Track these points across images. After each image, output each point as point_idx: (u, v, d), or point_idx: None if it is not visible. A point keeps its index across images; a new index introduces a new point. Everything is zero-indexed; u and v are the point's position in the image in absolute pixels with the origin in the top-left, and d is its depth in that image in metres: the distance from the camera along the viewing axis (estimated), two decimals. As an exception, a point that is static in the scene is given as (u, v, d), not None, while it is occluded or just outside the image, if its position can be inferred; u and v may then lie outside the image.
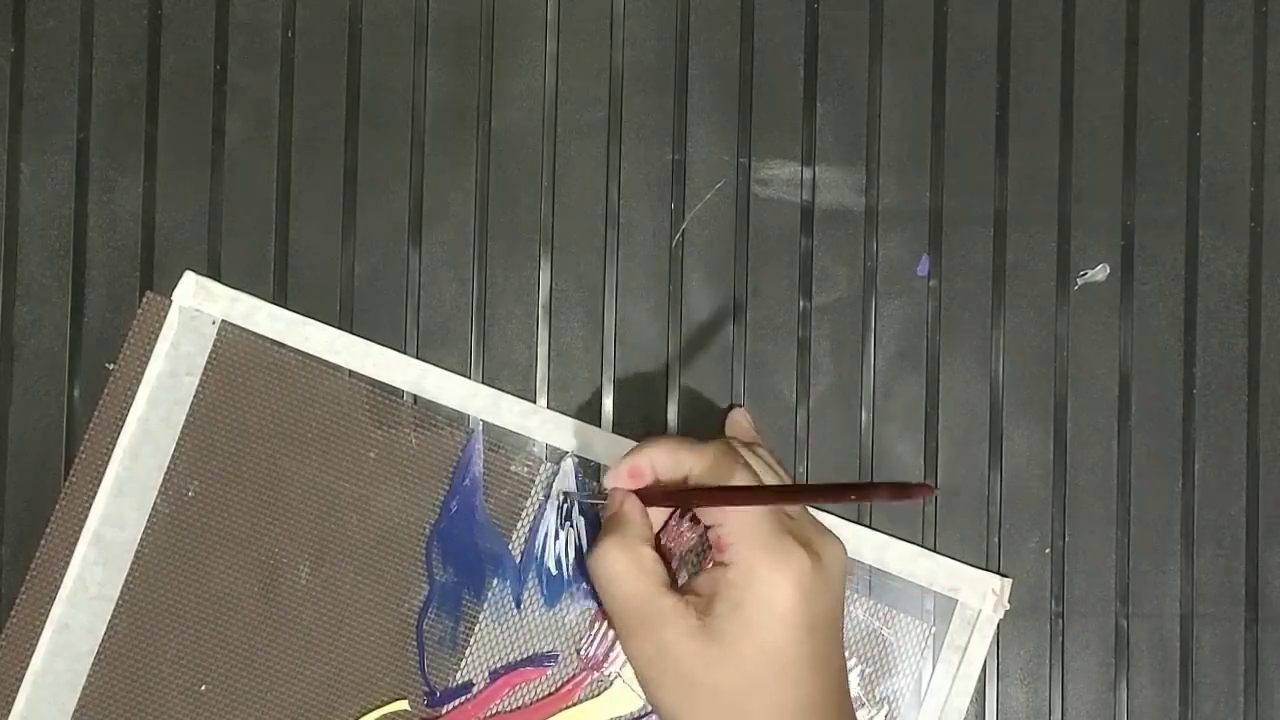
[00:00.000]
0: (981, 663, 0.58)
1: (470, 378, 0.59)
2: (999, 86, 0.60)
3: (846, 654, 0.57)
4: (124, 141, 0.60)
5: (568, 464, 0.58)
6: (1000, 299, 0.60)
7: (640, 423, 0.59)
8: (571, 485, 0.58)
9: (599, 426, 0.59)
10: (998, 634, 0.58)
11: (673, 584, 0.48)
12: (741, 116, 0.60)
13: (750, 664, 0.45)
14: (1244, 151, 0.60)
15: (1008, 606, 0.58)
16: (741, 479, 0.47)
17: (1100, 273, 0.60)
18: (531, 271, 0.60)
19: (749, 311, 0.60)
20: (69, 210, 0.60)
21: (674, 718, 0.47)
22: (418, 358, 0.59)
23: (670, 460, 0.49)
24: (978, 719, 0.58)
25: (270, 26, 0.60)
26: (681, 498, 0.49)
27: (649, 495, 0.50)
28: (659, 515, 0.51)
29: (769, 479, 0.50)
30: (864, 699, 0.58)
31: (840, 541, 0.48)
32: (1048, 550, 0.59)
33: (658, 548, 0.49)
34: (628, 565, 0.47)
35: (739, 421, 0.57)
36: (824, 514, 0.58)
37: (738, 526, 0.46)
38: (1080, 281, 0.60)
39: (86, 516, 0.57)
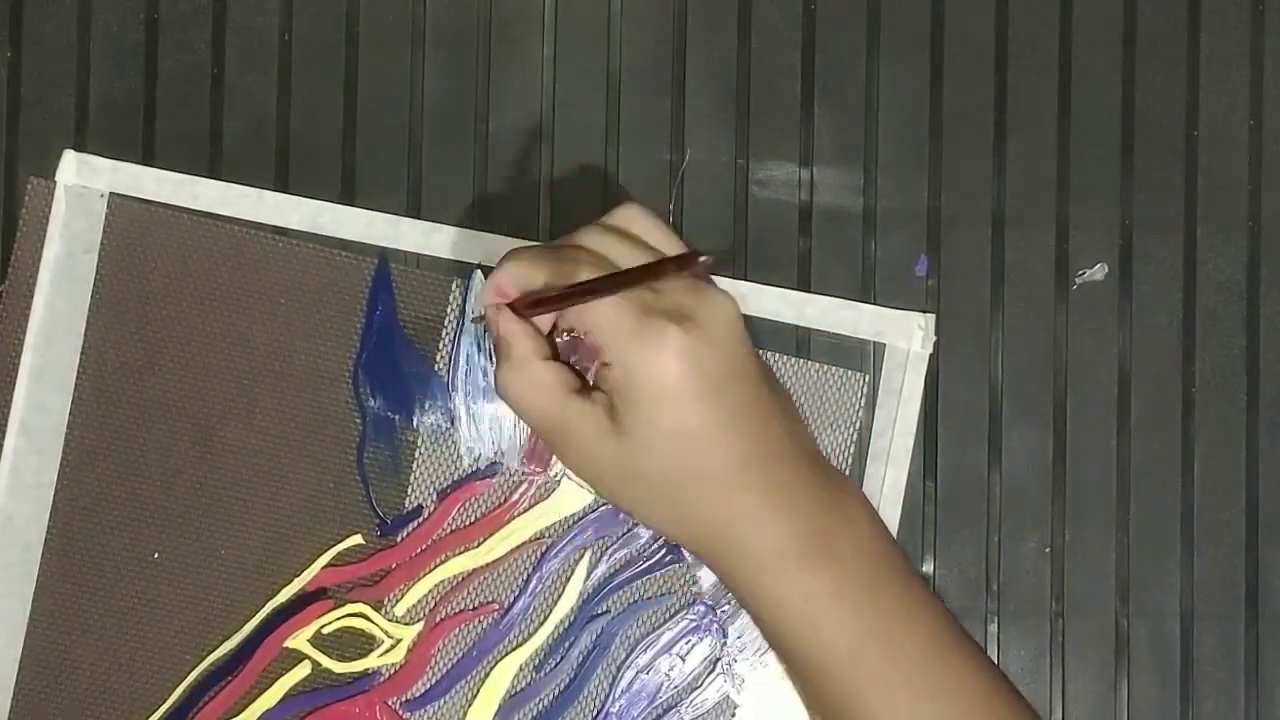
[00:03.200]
0: (919, 401, 0.58)
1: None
2: (996, 86, 0.60)
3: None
4: (122, 145, 0.60)
5: (477, 276, 0.58)
6: (999, 299, 0.60)
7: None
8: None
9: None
10: (998, 631, 0.58)
11: (583, 384, 0.47)
12: (739, 117, 0.60)
13: (664, 449, 0.44)
14: (1242, 150, 0.60)
15: (935, 339, 0.58)
16: (585, 275, 0.45)
17: (1099, 272, 0.60)
18: (530, 274, 0.60)
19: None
20: (67, 214, 0.60)
21: (624, 507, 0.47)
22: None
23: (525, 273, 0.47)
24: (978, 719, 0.58)
25: (267, 30, 0.60)
26: (541, 306, 0.46)
27: (522, 307, 0.47)
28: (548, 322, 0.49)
29: (632, 260, 0.46)
30: None
31: (725, 296, 0.45)
32: (1048, 550, 0.59)
33: (558, 354, 0.48)
34: (525, 387, 0.46)
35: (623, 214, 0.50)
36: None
37: (603, 324, 0.44)
38: (1079, 281, 0.60)
39: (9, 409, 0.57)
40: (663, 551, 0.58)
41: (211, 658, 0.58)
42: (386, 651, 0.58)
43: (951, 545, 0.59)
